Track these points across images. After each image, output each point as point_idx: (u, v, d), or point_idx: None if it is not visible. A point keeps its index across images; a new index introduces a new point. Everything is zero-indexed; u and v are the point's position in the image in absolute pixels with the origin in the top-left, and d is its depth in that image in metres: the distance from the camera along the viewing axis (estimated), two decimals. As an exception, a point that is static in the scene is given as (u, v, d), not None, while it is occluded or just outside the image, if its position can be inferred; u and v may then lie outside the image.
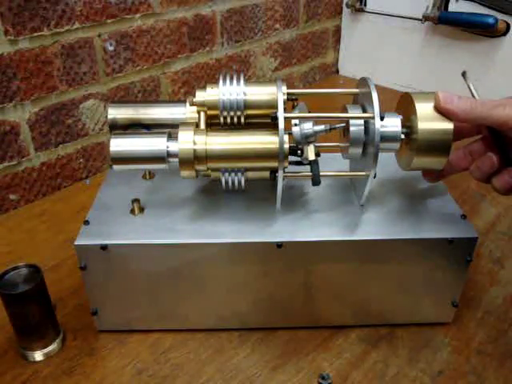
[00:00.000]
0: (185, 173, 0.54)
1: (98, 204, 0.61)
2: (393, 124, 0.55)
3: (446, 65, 1.18)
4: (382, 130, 0.52)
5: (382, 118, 0.52)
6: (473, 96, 0.55)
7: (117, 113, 0.59)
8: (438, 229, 0.56)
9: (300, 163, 0.57)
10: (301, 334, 0.61)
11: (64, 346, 0.59)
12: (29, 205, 0.86)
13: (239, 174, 0.56)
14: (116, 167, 0.55)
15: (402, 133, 0.55)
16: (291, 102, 0.57)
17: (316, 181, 0.55)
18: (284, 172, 0.54)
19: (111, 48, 0.88)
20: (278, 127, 0.51)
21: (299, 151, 0.55)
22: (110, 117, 0.59)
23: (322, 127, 0.55)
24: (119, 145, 0.54)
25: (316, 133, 0.54)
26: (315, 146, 0.55)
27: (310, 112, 0.56)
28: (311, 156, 0.54)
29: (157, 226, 0.56)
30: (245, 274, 0.56)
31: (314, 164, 0.55)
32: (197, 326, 0.61)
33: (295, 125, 0.54)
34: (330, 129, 0.55)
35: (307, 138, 0.54)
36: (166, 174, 0.66)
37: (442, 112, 0.52)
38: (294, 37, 1.23)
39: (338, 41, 1.36)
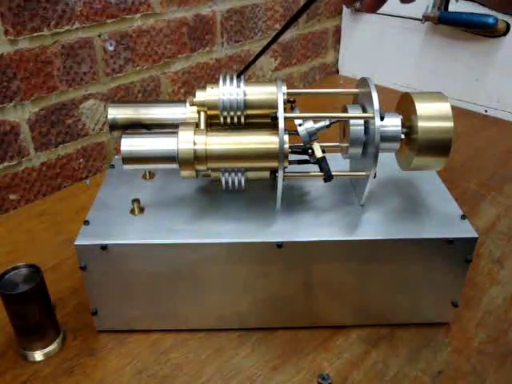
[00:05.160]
0: (185, 173, 0.54)
1: (97, 204, 0.61)
2: (393, 124, 0.55)
3: (446, 65, 1.18)
4: (381, 129, 0.52)
5: (382, 118, 0.52)
6: None
7: (117, 113, 0.59)
8: (438, 229, 0.56)
9: (302, 162, 0.57)
10: (301, 334, 0.61)
11: (64, 345, 0.59)
12: (29, 205, 0.86)
13: (239, 174, 0.56)
14: (127, 167, 0.55)
15: (402, 133, 0.55)
16: (289, 103, 0.57)
17: (329, 176, 0.54)
18: (284, 172, 0.54)
19: (111, 48, 0.88)
20: (278, 127, 0.51)
21: (310, 150, 0.55)
22: (109, 117, 0.59)
23: (322, 123, 0.55)
24: (131, 145, 0.54)
25: (318, 130, 0.55)
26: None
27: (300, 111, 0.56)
28: (319, 153, 0.54)
29: (157, 226, 0.56)
30: (245, 274, 0.56)
31: (322, 161, 0.55)
32: (197, 325, 0.61)
33: (299, 125, 0.54)
34: (330, 124, 0.55)
35: (311, 137, 0.54)
36: (166, 174, 0.66)
37: None
38: (293, 37, 1.23)
39: (338, 41, 1.36)
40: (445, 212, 0.59)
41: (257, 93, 0.56)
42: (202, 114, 0.56)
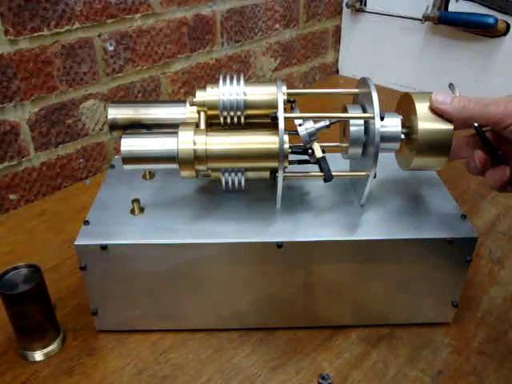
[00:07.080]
0: (185, 173, 0.54)
1: (97, 204, 0.61)
2: (393, 124, 0.55)
3: (445, 65, 1.18)
4: (382, 130, 0.52)
5: (382, 118, 0.52)
6: None
7: (117, 113, 0.59)
8: (437, 229, 0.56)
9: (302, 162, 0.57)
10: (301, 334, 0.61)
11: (64, 345, 0.59)
12: (29, 205, 0.86)
13: (239, 174, 0.56)
14: (127, 167, 0.55)
15: (402, 133, 0.55)
16: (289, 103, 0.57)
17: (329, 176, 0.54)
18: (284, 172, 0.54)
19: (111, 48, 0.88)
20: (277, 127, 0.51)
21: (310, 150, 0.55)
22: (109, 117, 0.59)
23: (322, 124, 0.55)
24: (131, 145, 0.54)
25: (318, 130, 0.55)
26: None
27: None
28: (319, 153, 0.54)
29: (157, 226, 0.56)
30: (245, 274, 0.56)
31: (322, 161, 0.54)
32: (197, 326, 0.61)
33: (299, 125, 0.54)
34: (330, 124, 0.55)
35: (311, 137, 0.54)
36: (166, 174, 0.66)
37: (437, 112, 0.52)
38: (294, 37, 1.23)
39: (338, 41, 1.36)
40: (445, 212, 0.59)
41: (257, 93, 0.55)
42: (202, 114, 0.56)
